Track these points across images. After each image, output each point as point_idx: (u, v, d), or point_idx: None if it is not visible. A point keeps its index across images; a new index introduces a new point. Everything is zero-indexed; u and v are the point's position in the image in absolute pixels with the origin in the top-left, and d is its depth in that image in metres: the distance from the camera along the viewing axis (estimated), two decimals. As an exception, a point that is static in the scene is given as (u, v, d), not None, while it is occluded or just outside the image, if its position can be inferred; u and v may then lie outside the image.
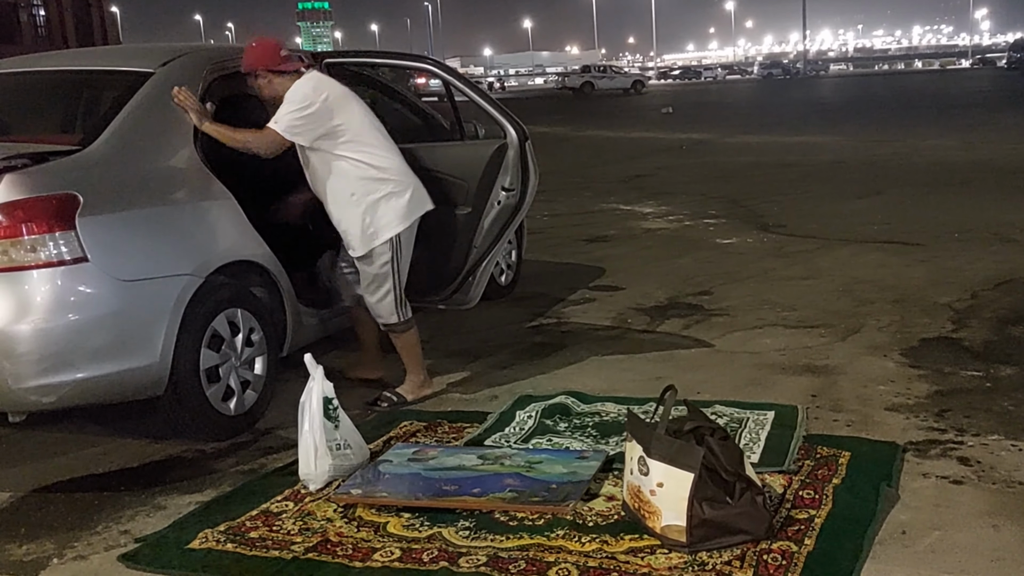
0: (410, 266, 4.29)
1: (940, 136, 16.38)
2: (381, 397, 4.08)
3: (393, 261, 3.96)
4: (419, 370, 4.16)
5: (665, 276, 6.43)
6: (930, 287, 5.72)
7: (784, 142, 17.15)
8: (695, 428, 2.79)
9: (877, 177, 11.34)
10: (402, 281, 4.01)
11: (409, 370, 4.16)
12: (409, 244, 4.03)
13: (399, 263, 3.98)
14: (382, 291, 3.99)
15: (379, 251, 3.95)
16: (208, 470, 3.47)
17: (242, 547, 2.80)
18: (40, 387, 3.20)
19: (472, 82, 4.98)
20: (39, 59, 4.85)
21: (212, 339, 3.66)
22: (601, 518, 2.88)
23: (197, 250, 3.67)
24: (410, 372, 4.16)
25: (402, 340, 4.12)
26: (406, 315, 4.06)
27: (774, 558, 2.58)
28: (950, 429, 3.51)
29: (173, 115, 3.84)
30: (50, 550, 2.89)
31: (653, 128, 23.17)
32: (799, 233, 7.85)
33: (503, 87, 76.01)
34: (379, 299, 4.01)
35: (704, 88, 62.93)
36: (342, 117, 3.84)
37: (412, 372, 4.16)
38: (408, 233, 4.00)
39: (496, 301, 5.68)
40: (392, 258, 3.96)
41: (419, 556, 2.70)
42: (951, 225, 7.78)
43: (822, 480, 3.07)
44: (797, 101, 35.76)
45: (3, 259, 3.15)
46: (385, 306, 4.02)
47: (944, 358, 4.37)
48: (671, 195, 10.62)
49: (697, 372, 4.32)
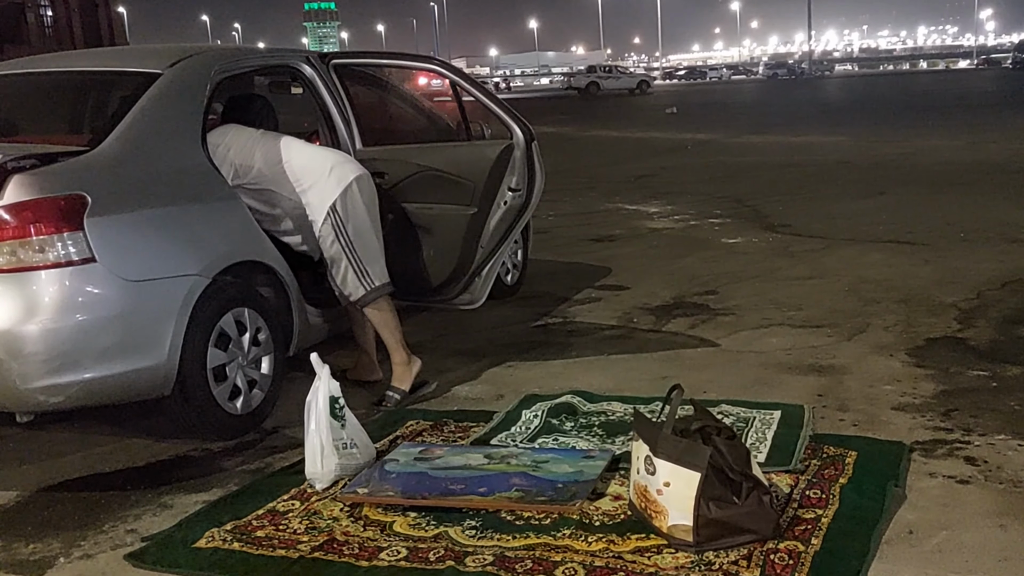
0: (417, 265, 4.30)
1: (945, 136, 16.35)
2: (384, 397, 4.09)
3: (339, 238, 4.00)
4: (399, 348, 4.14)
5: (671, 276, 6.43)
6: (936, 287, 5.71)
7: (789, 142, 17.14)
8: (702, 427, 2.79)
9: (882, 177, 11.33)
10: (359, 253, 4.03)
11: (391, 351, 4.14)
12: (359, 214, 4.04)
13: (348, 238, 4.01)
14: (341, 268, 4.04)
15: (324, 233, 4.01)
16: (215, 469, 3.48)
17: (248, 546, 2.81)
18: (48, 387, 3.21)
19: (478, 82, 4.98)
20: (47, 60, 4.86)
21: (219, 338, 3.66)
22: (608, 517, 2.88)
23: (204, 250, 3.67)
24: (392, 353, 4.14)
25: (377, 314, 4.13)
26: (371, 284, 4.07)
27: (781, 558, 2.58)
28: (957, 429, 3.51)
29: (181, 116, 3.85)
30: (57, 549, 2.89)
31: (658, 128, 23.16)
32: (805, 233, 7.84)
33: (509, 87, 76.01)
34: (342, 277, 4.05)
35: (709, 88, 62.89)
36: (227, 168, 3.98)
37: (394, 352, 4.14)
38: (347, 203, 4.01)
39: (502, 300, 5.68)
40: (337, 236, 4.00)
41: (425, 555, 2.70)
42: (957, 225, 7.76)
43: (829, 480, 3.06)
44: (802, 101, 35.72)
45: (11, 259, 3.16)
46: (349, 281, 4.05)
47: (950, 358, 4.37)
48: (676, 195, 10.62)
49: (703, 371, 4.32)
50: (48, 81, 4.43)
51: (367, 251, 4.07)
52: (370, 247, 4.09)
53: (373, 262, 4.09)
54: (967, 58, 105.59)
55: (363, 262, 4.05)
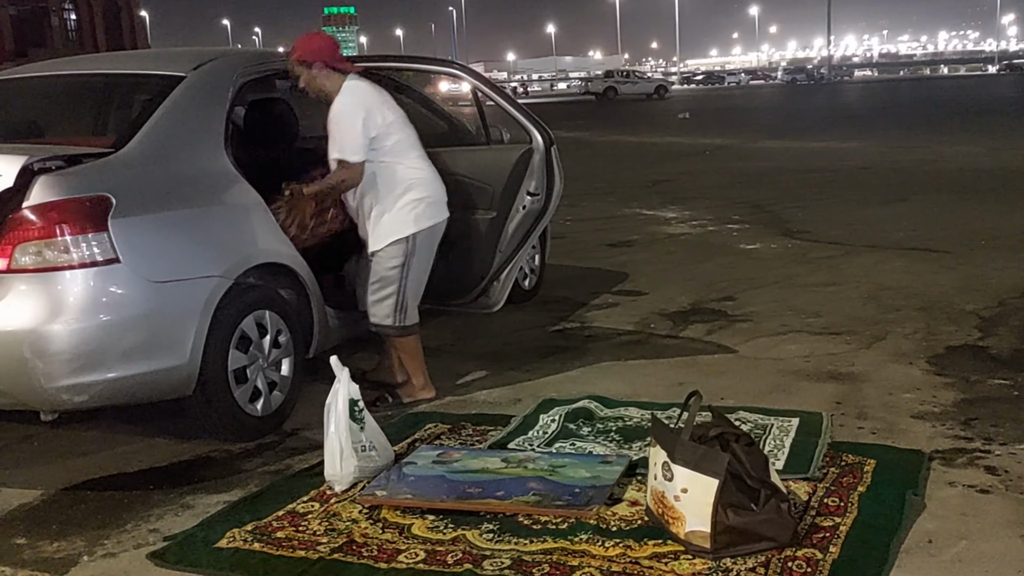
0: (435, 269, 4.32)
1: (966, 142, 16.24)
2: (380, 397, 4.11)
3: (403, 266, 3.98)
4: (420, 374, 4.19)
5: (688, 281, 6.42)
6: (956, 294, 5.68)
7: (808, 148, 17.07)
8: (720, 434, 2.79)
9: (903, 183, 11.27)
10: (409, 289, 4.02)
11: (411, 374, 4.19)
12: (425, 253, 4.05)
13: (409, 269, 4.00)
14: (384, 292, 4.02)
15: (391, 251, 3.98)
16: (235, 470, 3.51)
17: (269, 547, 2.83)
18: (72, 386, 3.25)
19: (498, 86, 5.00)
20: (71, 63, 4.91)
21: (240, 340, 3.69)
22: (625, 523, 2.89)
23: (227, 252, 3.70)
24: (412, 376, 4.19)
25: (400, 345, 4.16)
26: (403, 322, 4.06)
27: (799, 565, 2.58)
28: (977, 438, 3.49)
29: (204, 119, 3.89)
30: (80, 547, 2.93)
31: (676, 133, 23.12)
32: (824, 239, 7.81)
33: (527, 92, 76.04)
34: (379, 299, 4.04)
35: (727, 93, 62.69)
36: (379, 127, 3.92)
37: (414, 375, 4.19)
38: (425, 240, 4.02)
39: (520, 305, 5.69)
40: (403, 263, 3.98)
41: (443, 558, 2.72)
42: (978, 232, 7.72)
43: (847, 487, 3.06)
44: (822, 107, 35.57)
45: (37, 259, 3.20)
46: (383, 307, 4.04)
47: (971, 366, 4.34)
48: (694, 200, 10.60)
49: (721, 378, 4.32)
50: (73, 84, 4.49)
51: (413, 291, 4.07)
52: (418, 289, 4.10)
53: (413, 300, 4.10)
54: (989, 63, 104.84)
55: (407, 299, 4.05)
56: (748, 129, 23.03)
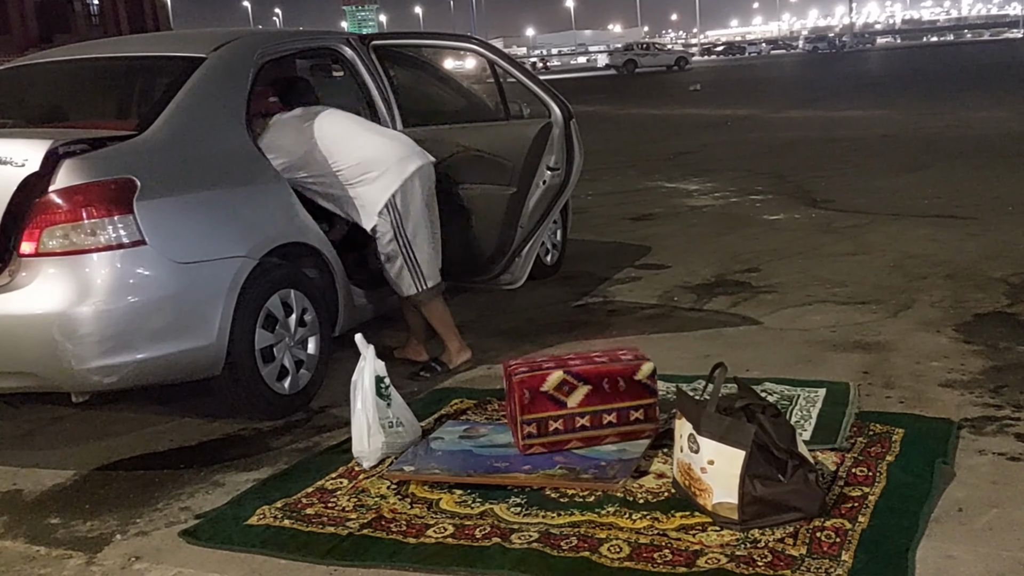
0: (457, 246, 4.32)
1: (991, 108, 16.00)
2: (425, 367, 4.21)
3: (397, 237, 4.05)
4: (453, 337, 4.27)
5: (711, 253, 6.39)
6: (983, 261, 5.62)
7: (831, 116, 16.88)
8: (746, 405, 2.79)
9: (927, 150, 11.13)
10: (415, 254, 4.09)
11: (445, 339, 4.27)
12: (415, 213, 4.07)
13: (405, 237, 4.05)
14: (396, 266, 4.10)
15: (380, 229, 4.05)
16: (264, 448, 3.55)
17: (299, 523, 2.86)
18: (102, 368, 3.28)
19: (517, 61, 4.97)
20: (93, 47, 4.93)
21: (267, 320, 3.72)
22: (652, 495, 2.90)
23: (251, 232, 3.72)
24: (446, 341, 4.27)
25: (428, 310, 4.22)
26: (424, 285, 4.14)
27: (828, 535, 2.58)
28: (1006, 405, 3.46)
29: (226, 99, 3.90)
30: (113, 526, 2.97)
31: (697, 105, 22.93)
32: (848, 208, 7.74)
33: (546, 67, 75.57)
34: (396, 273, 4.12)
35: (748, 64, 62.04)
36: (290, 157, 4.02)
37: (448, 340, 4.27)
38: (404, 201, 4.03)
39: (542, 280, 5.69)
40: (395, 235, 4.04)
41: (472, 532, 2.74)
42: (1004, 198, 7.62)
43: (875, 457, 3.04)
44: (844, 75, 35.11)
45: (64, 243, 3.23)
46: (403, 280, 4.12)
47: (999, 333, 4.30)
48: (716, 172, 10.53)
49: (746, 350, 4.30)
50: (96, 67, 4.51)
51: (423, 251, 4.11)
52: (426, 246, 4.13)
53: (429, 262, 4.14)
54: (1013, 27, 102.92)
55: (419, 263, 4.10)
56: (769, 99, 22.80)
